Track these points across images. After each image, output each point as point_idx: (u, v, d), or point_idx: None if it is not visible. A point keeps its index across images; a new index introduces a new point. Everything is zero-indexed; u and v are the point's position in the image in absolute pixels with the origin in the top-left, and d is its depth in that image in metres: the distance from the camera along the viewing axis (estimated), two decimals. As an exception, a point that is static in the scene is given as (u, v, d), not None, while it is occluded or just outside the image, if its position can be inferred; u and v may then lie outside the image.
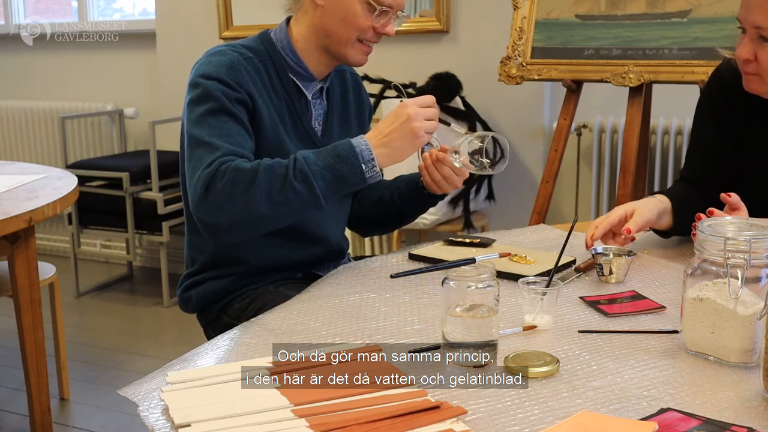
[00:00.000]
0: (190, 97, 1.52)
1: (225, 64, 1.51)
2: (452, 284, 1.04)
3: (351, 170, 1.39)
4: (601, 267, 1.38)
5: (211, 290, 1.63)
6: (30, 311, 2.23)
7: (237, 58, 1.52)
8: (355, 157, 1.39)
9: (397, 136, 1.41)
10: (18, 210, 2.03)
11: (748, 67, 1.50)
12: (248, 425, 0.86)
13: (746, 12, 1.47)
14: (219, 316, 1.64)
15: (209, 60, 1.54)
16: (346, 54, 1.58)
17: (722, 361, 1.03)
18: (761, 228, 1.05)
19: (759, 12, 1.44)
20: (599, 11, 2.64)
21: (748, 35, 1.47)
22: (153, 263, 4.31)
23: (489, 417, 0.89)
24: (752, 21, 1.45)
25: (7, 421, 2.65)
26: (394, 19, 1.57)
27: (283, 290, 1.57)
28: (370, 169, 1.40)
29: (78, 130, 4.35)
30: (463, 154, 1.48)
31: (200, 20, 3.93)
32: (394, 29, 1.57)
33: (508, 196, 3.30)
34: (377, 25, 1.54)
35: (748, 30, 1.47)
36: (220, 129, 1.45)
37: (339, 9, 1.53)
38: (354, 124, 1.73)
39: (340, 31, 1.55)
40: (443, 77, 3.18)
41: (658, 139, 3.00)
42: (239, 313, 1.58)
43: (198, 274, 1.65)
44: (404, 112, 1.41)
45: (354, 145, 1.40)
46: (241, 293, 1.62)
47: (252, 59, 1.55)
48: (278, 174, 1.37)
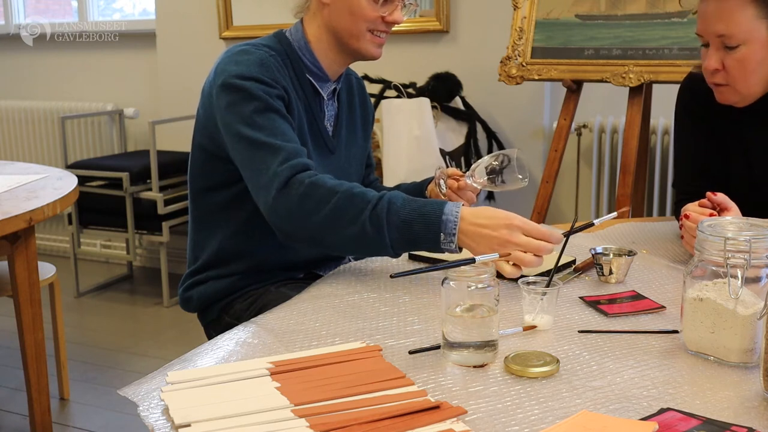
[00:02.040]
0: (229, 99, 1.48)
1: (255, 62, 1.50)
2: (452, 284, 1.04)
3: (426, 233, 1.31)
4: (601, 267, 1.38)
5: (212, 290, 1.63)
6: (30, 311, 2.23)
7: (264, 54, 1.53)
8: (437, 225, 1.31)
9: (486, 235, 1.29)
10: (18, 210, 2.03)
11: (716, 77, 1.52)
12: (248, 425, 0.86)
13: (705, 24, 1.49)
14: (220, 316, 1.64)
15: (236, 60, 1.52)
16: (359, 48, 1.60)
17: (722, 361, 1.03)
18: (761, 228, 1.05)
19: (718, 21, 1.46)
20: (599, 11, 2.64)
21: (712, 46, 1.49)
22: (153, 263, 4.31)
23: (489, 417, 0.89)
24: (713, 31, 1.47)
25: (7, 421, 2.65)
26: (402, 7, 1.59)
27: (284, 290, 1.57)
28: (447, 243, 1.31)
29: (78, 130, 4.35)
30: (480, 176, 1.53)
31: (200, 20, 3.93)
32: (402, 17, 1.59)
33: (508, 196, 3.29)
34: (384, 14, 1.56)
35: (711, 41, 1.49)
36: (273, 128, 1.45)
37: (344, 4, 1.56)
38: (359, 127, 1.75)
39: (349, 25, 1.57)
40: (443, 77, 3.19)
41: (658, 139, 3.00)
42: (240, 313, 1.59)
43: (200, 273, 1.65)
44: (512, 222, 1.28)
45: (444, 213, 1.31)
46: (242, 293, 1.62)
47: (275, 56, 1.56)
48: (357, 206, 1.34)
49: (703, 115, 1.65)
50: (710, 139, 1.65)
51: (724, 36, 1.46)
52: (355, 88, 1.77)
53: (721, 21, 1.45)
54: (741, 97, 1.53)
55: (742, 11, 1.44)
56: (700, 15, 1.50)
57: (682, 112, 1.72)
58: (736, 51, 1.46)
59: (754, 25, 1.44)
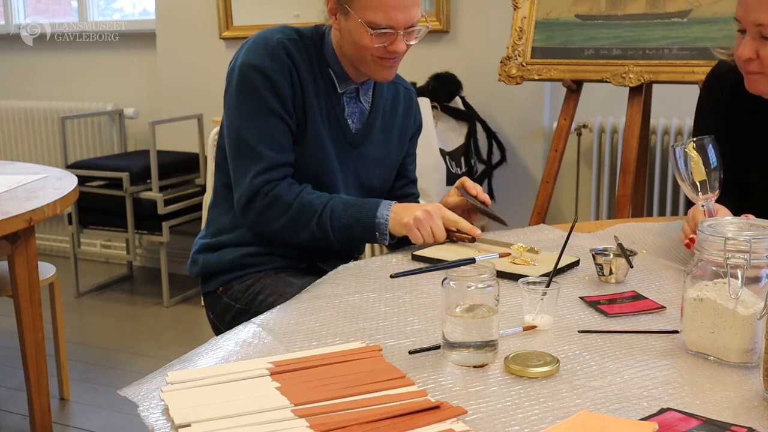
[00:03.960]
0: (236, 85, 1.61)
1: (268, 53, 1.59)
2: (452, 284, 1.04)
3: (363, 234, 1.60)
4: (601, 267, 1.38)
5: (217, 261, 1.70)
6: (30, 311, 2.23)
7: (280, 41, 1.60)
8: (371, 227, 1.58)
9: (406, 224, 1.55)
10: (18, 210, 2.03)
11: (750, 66, 1.48)
12: (248, 425, 0.86)
13: (745, 11, 1.45)
14: (218, 293, 1.70)
15: (255, 45, 1.61)
16: (367, 72, 1.64)
17: (722, 361, 1.03)
18: (761, 228, 1.05)
19: (759, 10, 1.42)
20: (599, 11, 2.64)
21: (748, 34, 1.46)
22: (153, 263, 4.31)
23: (489, 417, 0.89)
24: (753, 19, 1.43)
25: (7, 421, 2.65)
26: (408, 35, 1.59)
27: (283, 276, 1.66)
28: (382, 239, 1.59)
29: (78, 130, 4.35)
30: None
31: (200, 20, 3.93)
32: (402, 46, 1.59)
33: (508, 196, 3.30)
34: (385, 45, 1.57)
35: (749, 29, 1.45)
36: (266, 132, 1.59)
37: (348, 33, 1.59)
38: (396, 135, 1.79)
39: (354, 52, 1.60)
40: (443, 77, 3.18)
41: (658, 139, 3.00)
42: (238, 294, 1.67)
43: (211, 238, 1.73)
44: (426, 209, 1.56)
45: (377, 216, 1.57)
46: (243, 273, 1.68)
47: (297, 41, 1.63)
48: (307, 215, 1.59)
49: (728, 105, 1.62)
50: (731, 129, 1.61)
51: (763, 26, 1.42)
52: (402, 98, 1.80)
53: (762, 10, 1.41)
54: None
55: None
56: (741, 0, 1.46)
57: (707, 97, 1.68)
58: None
59: None
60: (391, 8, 1.53)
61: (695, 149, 1.36)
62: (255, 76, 1.58)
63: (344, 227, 1.58)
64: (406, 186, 1.88)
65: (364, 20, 1.54)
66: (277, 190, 1.59)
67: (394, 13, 1.53)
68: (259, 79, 1.58)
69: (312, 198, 1.59)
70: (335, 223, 1.58)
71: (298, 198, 1.59)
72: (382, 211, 1.58)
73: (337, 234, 1.59)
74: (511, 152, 3.29)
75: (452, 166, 3.06)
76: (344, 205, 1.59)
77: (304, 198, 1.59)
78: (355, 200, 1.61)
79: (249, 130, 1.60)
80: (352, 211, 1.58)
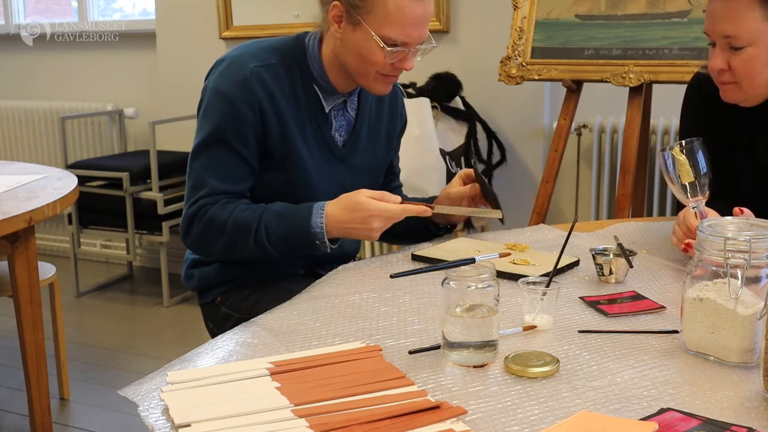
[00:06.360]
0: (203, 107, 1.57)
1: (239, 81, 1.52)
2: (452, 284, 1.04)
3: (303, 245, 1.51)
4: (601, 267, 1.38)
5: (213, 272, 1.67)
6: (30, 311, 2.22)
7: (255, 70, 1.53)
8: (308, 238, 1.49)
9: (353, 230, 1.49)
10: (18, 210, 2.03)
11: (723, 77, 1.51)
12: (248, 425, 0.86)
13: (712, 24, 1.48)
14: (216, 303, 1.68)
15: (228, 70, 1.55)
16: (365, 85, 1.57)
17: (722, 361, 1.03)
18: (761, 228, 1.05)
19: (725, 21, 1.45)
20: (599, 11, 2.64)
21: (718, 46, 1.49)
22: (153, 263, 4.31)
23: (489, 417, 0.89)
24: (720, 31, 1.46)
25: (7, 421, 2.65)
26: (415, 52, 1.53)
27: (282, 283, 1.62)
28: (323, 248, 1.50)
29: (78, 130, 4.35)
30: None
31: (200, 20, 3.93)
32: (412, 64, 1.54)
33: (507, 196, 3.29)
34: (394, 61, 1.51)
35: (717, 41, 1.48)
36: (214, 162, 1.54)
37: (355, 45, 1.51)
38: (383, 135, 1.73)
39: (357, 65, 1.53)
40: (443, 77, 3.18)
41: (658, 139, 3.00)
42: (237, 304, 1.64)
43: None
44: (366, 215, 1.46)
45: (311, 226, 1.48)
46: (241, 283, 1.65)
47: (275, 66, 1.56)
48: (242, 235, 1.51)
49: (710, 116, 1.64)
50: (717, 140, 1.64)
51: (731, 37, 1.45)
52: (387, 96, 1.70)
53: (728, 21, 1.44)
54: (746, 96, 1.52)
55: (750, 13, 1.42)
56: (707, 14, 1.49)
57: (688, 112, 1.71)
58: (742, 52, 1.45)
59: (761, 27, 1.43)
60: (410, 24, 1.47)
61: (683, 152, 1.37)
62: (219, 103, 1.53)
63: (281, 241, 1.50)
64: (392, 181, 1.85)
65: (379, 35, 1.47)
66: (211, 212, 1.52)
67: (412, 29, 1.48)
68: (221, 108, 1.52)
69: (245, 215, 1.51)
70: (272, 239, 1.50)
71: (231, 217, 1.51)
72: (315, 219, 1.49)
73: (278, 248, 1.51)
74: (511, 152, 3.29)
75: (452, 166, 3.06)
76: (276, 216, 1.50)
77: (238, 217, 1.51)
78: (286, 209, 1.52)
79: (200, 156, 1.55)
80: (285, 222, 1.50)
